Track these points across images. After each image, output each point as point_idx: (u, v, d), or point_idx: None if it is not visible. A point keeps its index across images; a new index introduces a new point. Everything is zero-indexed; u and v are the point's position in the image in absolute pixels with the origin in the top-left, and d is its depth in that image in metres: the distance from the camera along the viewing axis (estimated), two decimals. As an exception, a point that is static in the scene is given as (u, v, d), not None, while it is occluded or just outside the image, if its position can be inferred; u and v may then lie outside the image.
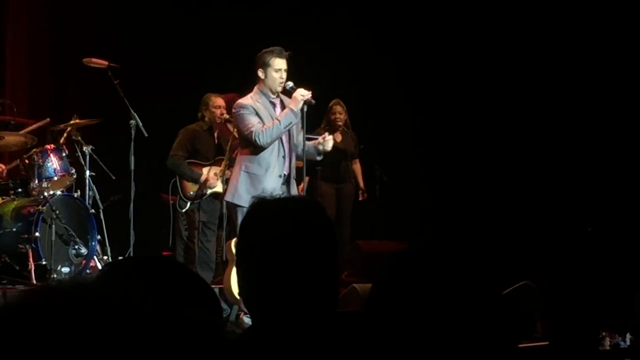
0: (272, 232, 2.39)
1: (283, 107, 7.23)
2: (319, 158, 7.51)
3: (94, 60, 8.50)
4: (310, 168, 8.40)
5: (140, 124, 8.33)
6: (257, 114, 7.15)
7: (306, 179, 7.54)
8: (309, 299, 2.38)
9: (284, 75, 7.19)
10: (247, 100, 7.25)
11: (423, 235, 10.03)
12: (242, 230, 2.49)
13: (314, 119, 9.26)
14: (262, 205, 2.50)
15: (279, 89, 7.24)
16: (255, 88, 7.29)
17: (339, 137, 9.84)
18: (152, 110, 9.43)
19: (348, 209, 10.15)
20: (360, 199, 10.27)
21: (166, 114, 9.98)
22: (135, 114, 8.32)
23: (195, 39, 10.83)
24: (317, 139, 7.49)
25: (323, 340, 2.34)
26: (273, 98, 7.27)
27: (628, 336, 5.76)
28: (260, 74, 7.22)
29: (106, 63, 8.40)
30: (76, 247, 8.05)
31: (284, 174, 7.26)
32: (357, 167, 10.35)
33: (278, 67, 7.18)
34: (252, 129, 7.10)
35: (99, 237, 8.30)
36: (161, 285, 1.80)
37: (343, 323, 2.44)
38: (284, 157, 7.24)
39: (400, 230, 10.21)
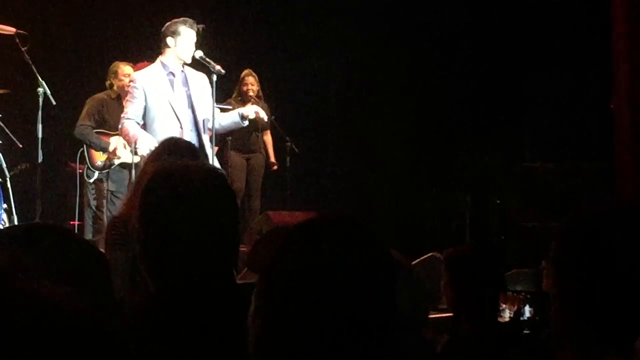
0: (172, 197, 2.41)
1: (185, 80, 7.18)
2: (244, 124, 7.52)
3: (1, 26, 8.34)
4: (220, 138, 8.36)
5: (49, 91, 8.21)
6: (144, 92, 7.11)
7: (215, 148, 7.47)
8: (207, 265, 2.41)
9: (193, 47, 7.14)
10: (140, 75, 7.28)
11: (332, 206, 10.10)
12: (143, 196, 2.50)
13: (225, 90, 9.25)
14: (162, 172, 2.52)
15: (188, 59, 7.17)
16: (158, 59, 7.24)
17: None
18: (60, 78, 9.31)
19: (258, 179, 10.16)
20: (272, 169, 10.29)
21: (75, 81, 9.87)
22: (43, 82, 8.20)
23: (105, 6, 10.70)
24: (228, 109, 7.47)
25: (219, 306, 2.38)
26: (173, 69, 7.18)
27: (527, 308, 5.88)
28: (170, 42, 7.13)
29: (14, 30, 8.24)
30: (-18, 216, 7.94)
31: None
32: (267, 138, 10.34)
33: (188, 37, 7.12)
34: (123, 117, 7.24)
35: (5, 206, 8.18)
36: (47, 252, 1.79)
37: (240, 290, 2.48)
38: (181, 128, 7.14)
39: (311, 201, 10.27)
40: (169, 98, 7.14)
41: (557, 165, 9.16)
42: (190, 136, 7.09)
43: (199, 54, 7.18)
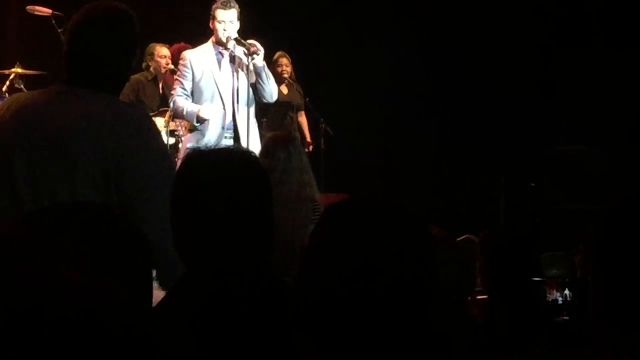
0: (205, 182, 2.42)
1: (232, 60, 7.24)
2: (271, 98, 7.43)
3: (37, 8, 8.38)
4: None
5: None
6: (192, 70, 7.23)
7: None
8: (241, 250, 2.41)
9: (228, 27, 7.17)
10: (189, 54, 7.38)
11: (366, 189, 10.09)
12: (176, 180, 2.52)
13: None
14: (195, 156, 2.53)
15: (224, 40, 7.20)
16: (211, 39, 7.34)
17: (285, 90, 9.86)
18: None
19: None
20: (308, 149, 10.29)
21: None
22: (79, 63, 8.22)
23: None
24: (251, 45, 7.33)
25: (253, 292, 2.38)
26: (221, 49, 7.28)
27: (567, 292, 5.84)
28: (211, 25, 7.26)
29: (50, 11, 8.28)
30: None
31: (227, 127, 7.26)
32: (302, 119, 10.35)
33: (221, 18, 7.16)
34: (174, 94, 7.38)
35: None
36: (80, 234, 1.78)
37: (275, 274, 2.48)
38: (224, 108, 7.24)
39: (345, 183, 10.27)
40: (215, 77, 7.25)
41: (592, 148, 9.09)
42: (223, 115, 7.21)
43: (234, 36, 7.20)
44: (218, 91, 7.23)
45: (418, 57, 10.70)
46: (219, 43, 7.25)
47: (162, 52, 9.15)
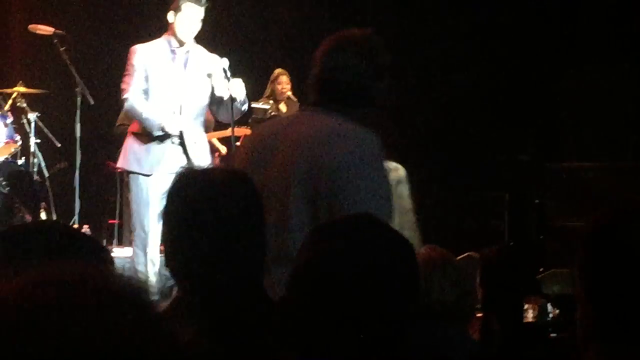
0: (197, 202, 2.41)
1: (186, 61, 6.52)
2: (243, 108, 6.70)
3: (39, 27, 8.41)
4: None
5: (87, 91, 8.26)
6: (146, 71, 6.47)
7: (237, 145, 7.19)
8: (234, 269, 2.40)
9: (196, 26, 6.47)
10: (140, 48, 6.58)
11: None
12: (168, 199, 2.51)
13: (257, 88, 9.20)
14: (187, 175, 2.52)
15: (187, 39, 6.50)
16: (165, 33, 6.61)
17: (284, 108, 9.85)
18: (98, 78, 9.37)
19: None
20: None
21: (113, 81, 9.90)
22: (81, 81, 8.25)
23: (143, 5, 10.74)
24: (265, 109, 7.21)
25: (246, 310, 2.37)
26: (176, 47, 6.52)
27: (549, 307, 5.81)
28: (171, 18, 6.49)
29: (52, 30, 8.31)
30: (20, 215, 7.99)
31: (175, 135, 6.50)
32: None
33: (189, 13, 6.43)
34: (125, 97, 6.53)
35: (44, 204, 8.25)
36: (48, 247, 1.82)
37: (266, 294, 2.47)
38: (174, 113, 6.52)
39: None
40: (169, 77, 6.52)
41: (596, 164, 9.07)
42: (181, 121, 6.50)
43: (225, 64, 6.50)
44: (169, 92, 6.52)
45: (422, 68, 10.69)
46: (177, 40, 6.49)
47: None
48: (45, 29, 8.35)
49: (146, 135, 6.54)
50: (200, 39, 6.74)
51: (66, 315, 0.93)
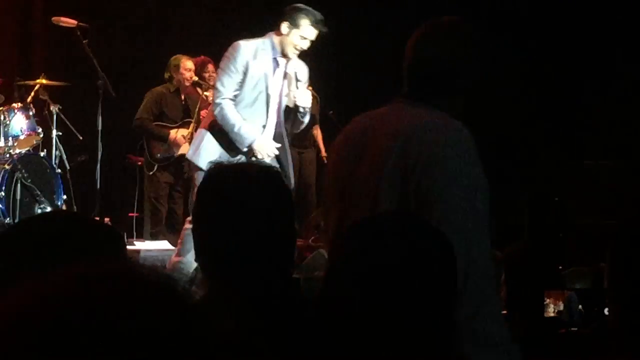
0: (229, 197, 2.41)
1: (284, 75, 6.36)
2: (305, 120, 6.57)
3: (62, 19, 8.42)
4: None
5: (108, 84, 8.27)
6: (245, 73, 6.25)
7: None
8: (265, 265, 2.40)
9: (306, 46, 6.28)
10: (245, 47, 6.30)
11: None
12: (199, 195, 2.51)
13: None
14: (219, 171, 2.52)
15: (292, 56, 6.31)
16: (272, 35, 6.33)
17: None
18: (120, 70, 9.38)
19: (313, 173, 10.09)
20: (325, 162, 10.23)
21: (134, 74, 9.94)
22: (103, 74, 8.26)
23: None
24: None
25: (277, 306, 2.37)
26: (279, 56, 6.31)
27: (575, 304, 5.81)
28: (284, 28, 6.24)
29: (75, 22, 8.32)
30: (42, 206, 8.01)
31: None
32: (317, 132, 10.25)
33: (306, 34, 6.23)
34: (219, 101, 6.30)
35: (64, 197, 8.27)
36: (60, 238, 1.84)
37: (298, 290, 2.48)
38: (263, 126, 6.40)
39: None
40: (265, 90, 6.35)
41: (617, 163, 9.05)
42: (268, 133, 6.41)
43: (300, 82, 6.35)
44: (266, 103, 6.36)
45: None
46: (282, 51, 6.28)
47: (188, 65, 9.12)
48: (68, 21, 8.35)
49: (226, 139, 6.34)
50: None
51: (117, 310, 0.94)
